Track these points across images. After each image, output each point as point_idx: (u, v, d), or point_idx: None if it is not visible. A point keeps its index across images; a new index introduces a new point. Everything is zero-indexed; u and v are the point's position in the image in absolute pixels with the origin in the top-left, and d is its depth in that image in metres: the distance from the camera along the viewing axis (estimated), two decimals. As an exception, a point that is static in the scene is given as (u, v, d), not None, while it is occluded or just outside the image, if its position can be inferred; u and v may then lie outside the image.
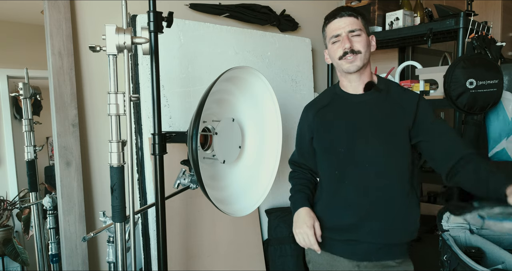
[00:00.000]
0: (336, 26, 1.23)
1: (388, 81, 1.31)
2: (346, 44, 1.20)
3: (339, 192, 1.26)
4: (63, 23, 1.45)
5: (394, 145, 1.22)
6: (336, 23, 1.23)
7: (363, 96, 1.27)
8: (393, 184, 1.22)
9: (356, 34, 1.21)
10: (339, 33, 1.22)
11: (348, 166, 1.24)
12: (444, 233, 1.24)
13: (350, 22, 1.21)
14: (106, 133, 1.61)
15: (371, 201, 1.22)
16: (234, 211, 1.41)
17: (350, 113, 1.26)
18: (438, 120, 1.24)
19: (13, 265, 1.51)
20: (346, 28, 1.21)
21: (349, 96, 1.28)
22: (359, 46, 1.21)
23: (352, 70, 1.23)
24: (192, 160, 1.20)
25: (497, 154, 1.90)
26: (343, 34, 1.21)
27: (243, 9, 1.98)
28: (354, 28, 1.21)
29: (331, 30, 1.24)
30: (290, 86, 2.14)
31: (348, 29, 1.21)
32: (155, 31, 1.13)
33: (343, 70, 1.25)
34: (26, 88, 1.50)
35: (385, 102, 1.24)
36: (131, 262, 1.09)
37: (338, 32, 1.22)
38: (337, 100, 1.31)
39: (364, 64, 1.23)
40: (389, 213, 1.21)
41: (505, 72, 2.29)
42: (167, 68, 1.65)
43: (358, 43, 1.21)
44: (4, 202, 1.49)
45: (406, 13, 2.11)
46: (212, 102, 1.41)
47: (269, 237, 1.95)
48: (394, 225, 1.22)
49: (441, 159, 1.21)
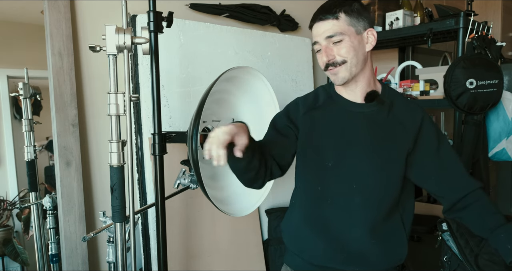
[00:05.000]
0: (315, 32, 1.06)
1: (393, 92, 1.14)
2: (324, 57, 1.04)
3: (319, 209, 1.10)
4: (63, 23, 1.45)
5: (388, 173, 1.07)
6: (315, 29, 1.06)
7: (362, 106, 1.09)
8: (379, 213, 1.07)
9: (337, 40, 1.02)
10: (317, 40, 1.05)
11: (334, 183, 1.08)
12: (444, 234, 1.23)
13: (327, 27, 1.02)
14: (106, 133, 1.61)
15: (353, 225, 1.07)
16: (234, 211, 1.41)
17: (345, 123, 1.09)
18: (442, 148, 1.10)
19: (13, 265, 1.51)
20: (322, 35, 1.03)
21: (346, 103, 1.10)
22: (342, 53, 1.02)
23: (338, 83, 1.06)
24: (192, 160, 1.20)
25: (497, 154, 1.90)
26: (321, 42, 1.04)
27: (243, 9, 1.98)
28: (332, 33, 1.01)
29: (313, 36, 1.07)
30: (290, 86, 2.14)
31: (325, 35, 1.02)
32: (155, 31, 1.13)
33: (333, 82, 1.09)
34: (26, 88, 1.50)
35: (386, 120, 1.08)
36: (131, 262, 1.09)
37: (316, 40, 1.06)
38: (331, 105, 1.12)
39: (355, 73, 1.05)
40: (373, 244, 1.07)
41: (505, 72, 2.29)
42: (167, 68, 1.65)
43: (341, 50, 1.02)
44: (4, 202, 1.49)
45: (406, 13, 2.11)
46: (212, 102, 1.41)
47: (269, 237, 1.95)
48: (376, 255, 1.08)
49: (443, 194, 1.12)
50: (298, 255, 1.15)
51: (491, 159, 1.94)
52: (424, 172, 1.10)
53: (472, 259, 1.12)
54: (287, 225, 1.19)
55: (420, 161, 1.09)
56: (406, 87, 2.12)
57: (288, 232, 1.18)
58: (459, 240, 1.17)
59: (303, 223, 1.13)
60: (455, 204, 1.11)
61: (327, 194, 1.08)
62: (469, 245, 1.15)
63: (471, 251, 1.13)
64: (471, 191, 1.09)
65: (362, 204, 1.06)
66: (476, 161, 1.86)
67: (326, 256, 1.09)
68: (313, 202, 1.11)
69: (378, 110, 1.08)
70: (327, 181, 1.08)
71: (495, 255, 1.08)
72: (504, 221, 1.06)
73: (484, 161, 1.87)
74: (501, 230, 1.05)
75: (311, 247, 1.11)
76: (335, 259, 1.08)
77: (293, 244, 1.16)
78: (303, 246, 1.13)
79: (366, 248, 1.07)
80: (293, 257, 1.18)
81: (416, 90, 2.07)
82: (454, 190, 1.10)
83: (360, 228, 1.07)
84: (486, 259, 1.10)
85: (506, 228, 1.05)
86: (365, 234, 1.06)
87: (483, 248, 1.11)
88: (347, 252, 1.07)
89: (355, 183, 1.06)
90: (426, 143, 1.09)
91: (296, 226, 1.15)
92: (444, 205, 1.14)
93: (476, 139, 1.82)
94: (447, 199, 1.12)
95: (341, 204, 1.07)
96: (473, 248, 1.14)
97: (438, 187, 1.12)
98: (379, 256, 1.08)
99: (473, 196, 1.09)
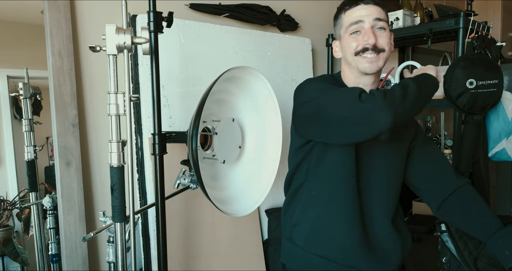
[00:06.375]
0: (359, 13, 1.00)
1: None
2: (370, 39, 0.98)
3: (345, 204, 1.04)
4: (63, 23, 1.45)
5: (398, 165, 1.10)
6: (359, 10, 1.00)
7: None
8: (389, 204, 1.09)
9: (382, 27, 1.00)
10: (361, 19, 0.99)
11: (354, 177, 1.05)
12: (443, 234, 1.23)
13: (376, 10, 0.99)
14: (106, 133, 1.61)
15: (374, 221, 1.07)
16: (234, 211, 1.41)
17: None
18: (431, 142, 1.15)
19: (13, 265, 1.51)
20: (371, 15, 0.99)
21: None
22: (383, 42, 0.99)
23: (371, 71, 1.02)
24: (192, 160, 1.20)
25: (497, 154, 1.90)
26: (366, 24, 0.99)
27: (243, 9, 1.98)
28: (381, 17, 0.99)
29: (350, 17, 1.01)
30: (290, 86, 2.14)
31: (374, 16, 0.99)
32: (155, 31, 1.13)
33: (358, 69, 1.03)
34: (26, 88, 1.50)
35: None
36: (131, 262, 1.09)
37: (360, 19, 0.99)
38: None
39: (381, 67, 1.04)
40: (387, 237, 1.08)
41: (505, 72, 2.29)
42: (167, 68, 1.65)
43: (383, 39, 0.99)
44: (4, 202, 1.49)
45: (406, 13, 2.11)
46: (212, 102, 1.41)
47: (269, 237, 1.95)
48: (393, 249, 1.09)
49: (431, 189, 1.11)
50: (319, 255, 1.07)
51: (491, 159, 1.94)
52: (417, 164, 1.13)
53: (471, 262, 1.12)
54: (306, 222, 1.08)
55: (415, 153, 1.13)
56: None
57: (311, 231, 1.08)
58: (457, 242, 1.17)
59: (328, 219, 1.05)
60: (443, 202, 1.11)
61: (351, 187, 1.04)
62: (468, 247, 1.15)
63: (470, 254, 1.14)
64: (460, 186, 1.10)
65: (379, 197, 1.07)
66: (476, 161, 1.86)
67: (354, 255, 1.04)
68: (343, 194, 1.04)
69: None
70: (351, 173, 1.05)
71: (494, 259, 1.08)
72: (500, 225, 1.06)
73: (484, 161, 1.87)
74: (498, 235, 1.04)
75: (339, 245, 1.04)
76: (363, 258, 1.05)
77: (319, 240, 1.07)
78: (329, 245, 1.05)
79: (387, 243, 1.07)
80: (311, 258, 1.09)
81: (416, 90, 2.06)
82: (443, 184, 1.11)
83: (382, 222, 1.07)
84: (485, 262, 1.10)
85: (503, 233, 1.04)
86: (386, 226, 1.07)
87: (481, 251, 1.11)
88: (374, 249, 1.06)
89: (372, 176, 1.06)
90: (420, 134, 1.14)
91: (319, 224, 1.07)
92: (433, 203, 1.14)
93: (476, 139, 1.82)
94: (436, 196, 1.12)
95: (363, 197, 1.05)
96: (472, 251, 1.14)
97: (427, 180, 1.13)
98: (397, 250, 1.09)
99: (462, 191, 1.09)
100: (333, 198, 1.05)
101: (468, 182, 1.12)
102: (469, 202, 1.09)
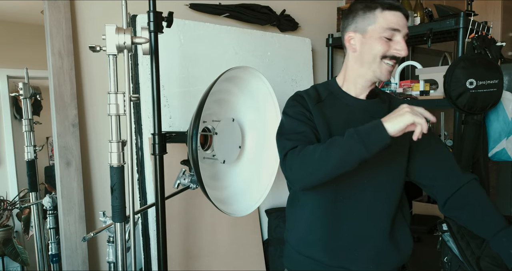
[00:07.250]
0: (397, 20, 1.00)
1: (387, 93, 1.20)
2: (403, 51, 1.00)
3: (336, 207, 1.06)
4: (63, 23, 1.45)
5: (395, 165, 1.09)
6: (398, 17, 1.01)
7: (365, 103, 1.10)
8: (390, 207, 1.08)
9: (406, 38, 1.03)
10: (399, 28, 1.00)
11: (345, 178, 1.02)
12: (444, 234, 1.23)
13: (407, 24, 1.03)
14: (106, 133, 1.61)
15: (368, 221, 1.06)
16: (234, 211, 1.41)
17: (351, 117, 1.08)
18: (436, 139, 1.14)
19: (13, 265, 1.51)
20: (405, 27, 1.02)
21: (350, 98, 1.10)
22: (404, 54, 1.02)
23: (385, 79, 1.06)
24: (192, 160, 1.20)
25: (497, 154, 1.90)
26: (401, 34, 1.01)
27: (243, 9, 1.98)
28: (407, 32, 1.03)
29: (391, 21, 1.00)
30: (290, 86, 2.14)
31: (406, 29, 1.02)
32: (155, 31, 1.13)
33: (374, 73, 1.04)
34: (26, 88, 1.50)
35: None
36: (131, 262, 1.09)
37: (398, 28, 1.00)
38: (333, 100, 1.11)
39: None
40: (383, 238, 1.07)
41: (505, 72, 2.29)
42: (167, 68, 1.65)
43: (404, 51, 1.02)
44: (4, 202, 1.49)
45: (406, 13, 2.11)
46: (212, 102, 1.41)
47: (269, 237, 1.95)
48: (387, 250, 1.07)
49: (438, 185, 1.11)
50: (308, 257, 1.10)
51: (491, 159, 1.94)
52: (422, 161, 1.12)
53: (473, 261, 1.11)
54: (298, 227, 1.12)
55: (418, 150, 1.11)
56: (406, 87, 2.12)
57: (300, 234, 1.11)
58: (460, 241, 1.16)
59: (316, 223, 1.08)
60: (450, 197, 1.10)
61: (341, 190, 1.05)
62: (470, 247, 1.15)
63: (472, 253, 1.13)
64: (466, 182, 1.09)
65: (373, 198, 1.06)
66: (476, 161, 1.86)
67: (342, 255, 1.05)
68: (329, 201, 1.06)
69: (380, 107, 1.10)
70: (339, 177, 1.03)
71: (497, 258, 1.07)
72: (505, 223, 1.05)
73: (484, 161, 1.87)
74: (502, 234, 1.04)
75: (326, 247, 1.06)
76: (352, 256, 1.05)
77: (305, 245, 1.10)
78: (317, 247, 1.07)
79: (382, 246, 1.06)
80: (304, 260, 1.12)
81: (416, 90, 2.07)
82: (450, 179, 1.10)
83: (375, 224, 1.06)
84: (488, 262, 1.09)
85: (507, 232, 1.04)
86: (380, 232, 1.06)
87: (484, 250, 1.10)
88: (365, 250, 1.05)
89: (366, 178, 1.05)
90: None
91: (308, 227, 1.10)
92: (439, 199, 1.13)
93: (476, 139, 1.82)
94: (443, 192, 1.11)
95: (354, 200, 1.06)
96: (474, 251, 1.13)
97: (434, 176, 1.12)
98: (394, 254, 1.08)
99: (468, 188, 1.08)
100: (319, 203, 1.08)
101: (474, 178, 1.11)
102: (475, 198, 1.09)
